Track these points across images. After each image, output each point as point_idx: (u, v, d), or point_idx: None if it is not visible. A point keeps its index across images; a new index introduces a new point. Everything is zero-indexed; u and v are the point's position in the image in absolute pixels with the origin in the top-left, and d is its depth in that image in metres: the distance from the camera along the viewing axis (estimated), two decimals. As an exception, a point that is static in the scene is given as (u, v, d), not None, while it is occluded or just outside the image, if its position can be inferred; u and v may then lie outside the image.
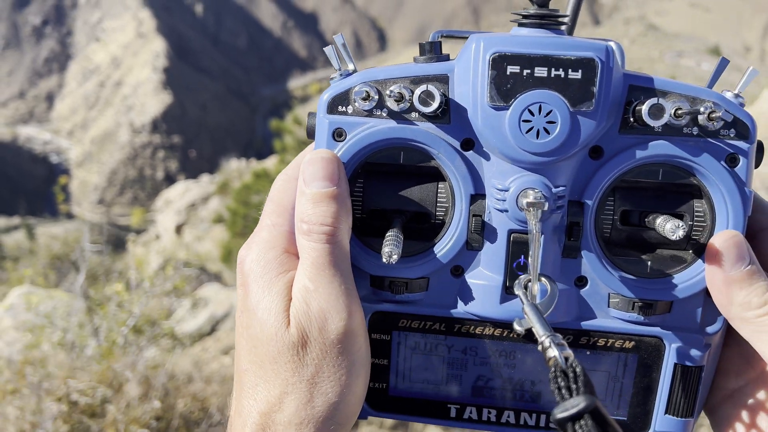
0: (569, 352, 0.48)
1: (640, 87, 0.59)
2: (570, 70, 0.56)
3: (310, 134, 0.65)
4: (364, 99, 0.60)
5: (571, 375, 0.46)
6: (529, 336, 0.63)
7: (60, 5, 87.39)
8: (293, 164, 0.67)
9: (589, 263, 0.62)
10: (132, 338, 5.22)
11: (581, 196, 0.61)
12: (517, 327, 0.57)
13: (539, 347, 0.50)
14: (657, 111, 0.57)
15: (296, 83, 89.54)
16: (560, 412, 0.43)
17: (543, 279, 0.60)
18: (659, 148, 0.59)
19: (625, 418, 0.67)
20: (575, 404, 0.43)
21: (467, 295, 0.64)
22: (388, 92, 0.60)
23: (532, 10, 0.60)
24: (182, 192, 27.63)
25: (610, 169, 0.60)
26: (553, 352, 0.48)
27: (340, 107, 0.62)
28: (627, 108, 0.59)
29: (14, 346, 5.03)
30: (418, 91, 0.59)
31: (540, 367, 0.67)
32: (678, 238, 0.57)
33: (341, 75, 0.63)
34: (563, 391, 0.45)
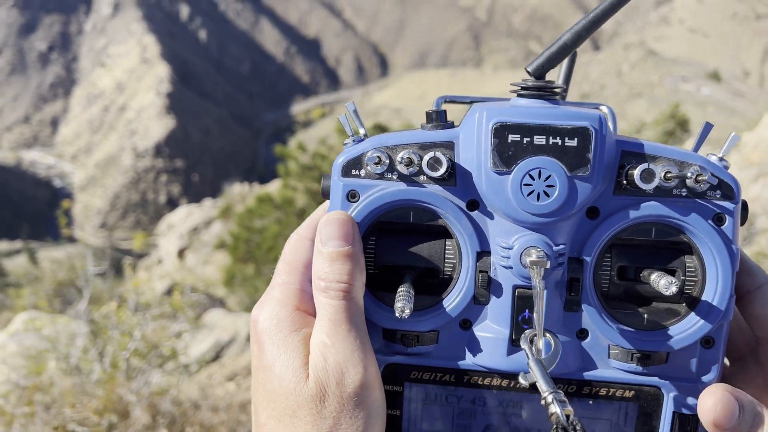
0: (570, 409, 0.49)
1: (632, 152, 0.63)
2: (567, 138, 0.60)
3: (325, 194, 0.69)
4: (376, 163, 0.64)
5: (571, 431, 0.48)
6: (535, 386, 0.64)
7: (66, 32, 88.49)
8: (305, 225, 0.70)
9: (589, 316, 0.65)
10: (136, 363, 5.21)
11: (580, 254, 0.64)
12: (522, 381, 0.59)
13: (542, 402, 0.52)
14: (648, 175, 0.61)
15: (299, 108, 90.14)
16: None
17: (547, 334, 0.63)
18: (650, 209, 0.63)
19: None
20: None
21: (475, 348, 0.67)
22: (398, 158, 0.63)
23: (530, 82, 0.65)
24: (185, 216, 27.68)
25: (606, 228, 0.63)
26: (554, 409, 0.50)
27: (353, 170, 0.66)
28: (620, 171, 0.63)
29: (19, 372, 5.02)
30: (426, 157, 0.62)
31: (546, 417, 0.67)
32: (671, 294, 0.60)
33: (354, 141, 0.67)
34: None
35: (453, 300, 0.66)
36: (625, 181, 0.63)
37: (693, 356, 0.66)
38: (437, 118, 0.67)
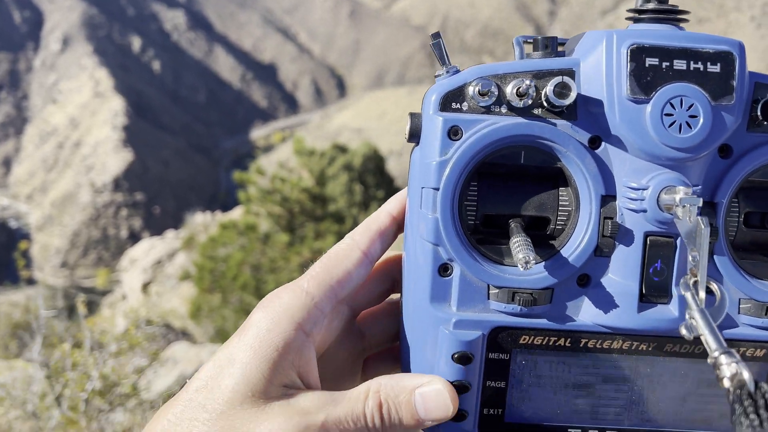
0: (748, 374, 0.44)
1: (766, 84, 0.58)
2: (709, 63, 0.55)
3: (414, 136, 0.60)
4: (483, 94, 0.57)
5: (761, 401, 0.42)
6: (661, 348, 0.61)
7: (14, 69, 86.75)
8: (363, 229, 0.64)
9: (722, 267, 0.59)
10: (98, 403, 5.04)
11: (713, 197, 0.59)
12: (684, 332, 0.52)
13: (710, 361, 0.46)
14: None
15: (258, 134, 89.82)
16: None
17: (713, 283, 0.56)
18: None
19: None
20: None
21: (597, 306, 0.60)
22: (510, 87, 0.57)
23: (652, 5, 0.58)
24: (147, 250, 27.19)
25: (741, 167, 0.58)
26: (732, 371, 0.44)
27: (453, 104, 0.58)
28: (754, 105, 0.58)
29: (-28, 422, 4.80)
30: (551, 84, 0.56)
31: (671, 384, 0.63)
32: None
33: (448, 72, 0.60)
34: (751, 417, 0.41)
35: (573, 251, 0.59)
36: (760, 116, 0.57)
37: None
38: (549, 46, 0.60)
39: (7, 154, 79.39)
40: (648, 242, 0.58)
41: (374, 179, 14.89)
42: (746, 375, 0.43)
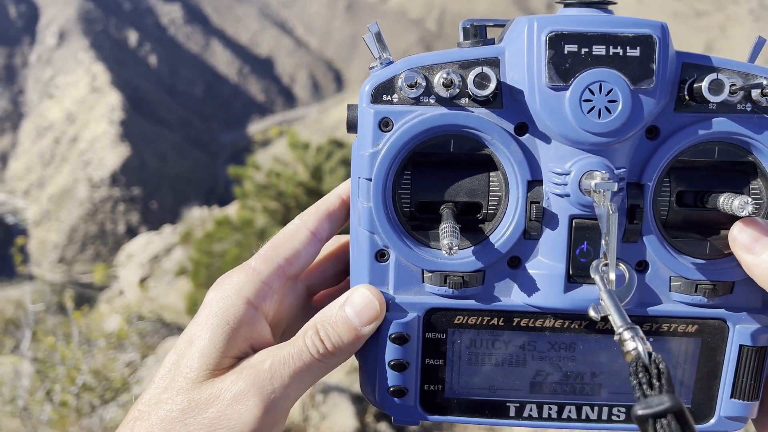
0: (650, 346, 0.46)
1: (694, 64, 0.58)
2: (628, 48, 0.55)
3: (351, 127, 0.62)
4: (411, 86, 0.58)
5: (654, 371, 0.45)
6: (592, 326, 0.62)
7: (10, 64, 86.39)
8: (310, 211, 0.66)
9: (651, 246, 0.61)
10: (88, 398, 5.01)
11: (640, 178, 0.59)
12: (592, 313, 0.55)
13: (616, 338, 0.48)
14: (717, 86, 0.56)
15: (256, 128, 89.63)
16: (642, 409, 0.42)
17: (621, 265, 0.58)
18: (721, 125, 0.58)
19: (689, 406, 0.65)
20: (660, 402, 0.41)
21: (527, 287, 0.62)
22: (436, 78, 0.57)
23: None
24: (144, 245, 27.10)
25: (669, 148, 0.59)
26: (632, 345, 0.46)
27: (384, 96, 0.59)
28: (681, 86, 0.58)
29: (-38, 419, 4.76)
30: (471, 75, 0.57)
31: (602, 358, 0.65)
32: (748, 214, 0.56)
33: (382, 63, 0.61)
34: (644, 387, 0.44)
35: (502, 235, 0.61)
36: (687, 96, 0.58)
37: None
38: (477, 34, 0.61)
39: (4, 149, 79.17)
40: (573, 225, 0.59)
41: (370, 173, 14.76)
42: (640, 347, 0.46)
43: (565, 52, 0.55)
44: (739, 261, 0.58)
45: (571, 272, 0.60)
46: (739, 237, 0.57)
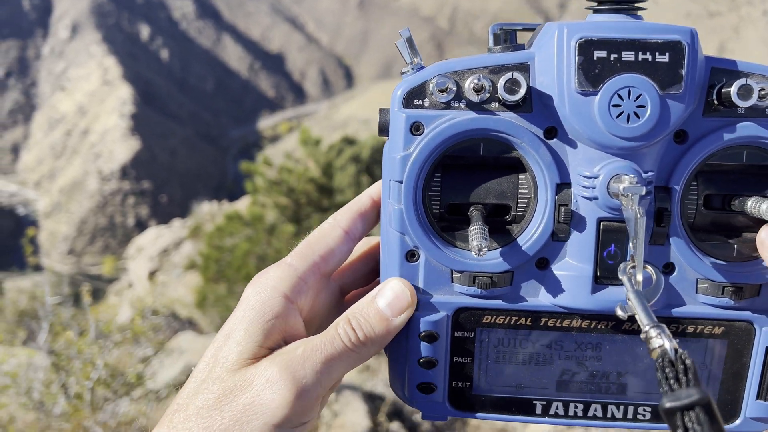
0: (676, 343, 0.47)
1: (723, 69, 0.58)
2: (657, 54, 0.55)
3: (383, 131, 0.63)
4: (442, 91, 0.59)
5: (680, 367, 0.45)
6: (618, 326, 0.63)
7: (23, 56, 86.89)
8: (344, 210, 0.68)
9: (677, 249, 0.61)
10: (102, 392, 5.04)
11: (668, 182, 0.60)
12: (620, 312, 0.56)
13: (642, 336, 0.49)
14: (746, 91, 0.56)
15: (266, 123, 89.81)
16: (670, 401, 0.42)
17: (648, 267, 0.59)
18: (748, 129, 0.58)
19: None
20: (688, 395, 0.42)
21: (555, 288, 0.63)
22: (467, 83, 0.58)
23: None
24: (154, 238, 27.23)
25: (696, 152, 0.59)
26: (659, 342, 0.47)
27: (416, 101, 0.60)
28: (710, 91, 0.58)
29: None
30: (502, 80, 0.57)
31: (628, 358, 0.66)
32: None
33: (413, 68, 0.62)
34: (671, 381, 0.44)
35: (530, 237, 0.62)
36: (716, 101, 0.58)
37: None
38: (507, 39, 0.62)
39: (16, 140, 79.69)
40: (601, 227, 0.60)
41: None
42: (667, 344, 0.47)
43: (595, 58, 0.55)
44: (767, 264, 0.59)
45: (598, 274, 0.61)
46: (767, 240, 0.58)
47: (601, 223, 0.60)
